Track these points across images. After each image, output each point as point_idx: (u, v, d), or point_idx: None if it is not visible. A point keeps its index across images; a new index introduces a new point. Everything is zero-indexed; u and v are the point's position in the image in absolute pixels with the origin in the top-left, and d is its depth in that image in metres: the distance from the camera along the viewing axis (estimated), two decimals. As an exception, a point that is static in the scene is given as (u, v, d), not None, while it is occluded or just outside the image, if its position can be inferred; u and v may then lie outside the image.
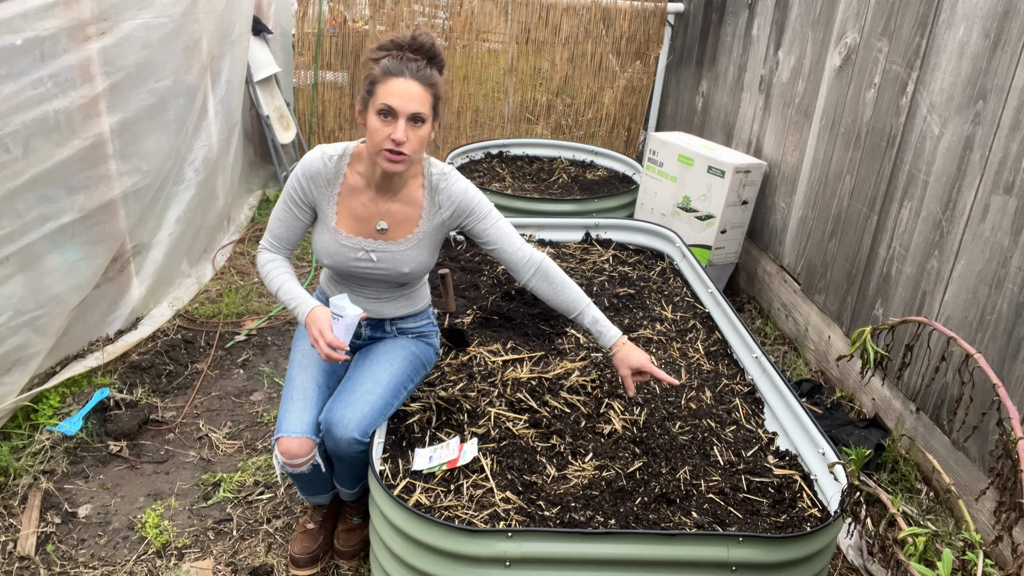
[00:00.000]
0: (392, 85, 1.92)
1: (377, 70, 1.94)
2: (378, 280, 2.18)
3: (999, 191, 2.36)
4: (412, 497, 1.97)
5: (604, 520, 1.91)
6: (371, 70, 1.95)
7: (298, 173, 2.09)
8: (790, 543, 1.78)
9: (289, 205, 2.12)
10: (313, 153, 2.09)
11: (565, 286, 2.13)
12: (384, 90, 1.92)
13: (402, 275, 2.16)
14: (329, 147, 2.10)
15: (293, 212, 2.13)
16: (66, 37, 2.62)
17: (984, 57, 2.43)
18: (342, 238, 2.10)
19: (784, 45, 3.82)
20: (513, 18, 5.46)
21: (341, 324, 1.97)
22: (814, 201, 3.49)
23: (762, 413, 2.44)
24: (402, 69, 1.92)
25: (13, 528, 2.37)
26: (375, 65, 1.95)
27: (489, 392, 2.37)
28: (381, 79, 1.93)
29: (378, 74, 1.93)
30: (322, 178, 2.09)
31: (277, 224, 2.16)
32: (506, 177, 4.78)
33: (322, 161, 2.08)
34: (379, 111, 1.93)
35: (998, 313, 2.36)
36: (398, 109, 1.91)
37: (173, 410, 2.98)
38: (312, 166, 2.08)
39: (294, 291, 2.10)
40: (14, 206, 2.53)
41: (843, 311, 3.24)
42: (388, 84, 1.92)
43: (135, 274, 3.34)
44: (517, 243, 2.14)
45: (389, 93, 1.92)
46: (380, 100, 1.92)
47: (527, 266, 2.13)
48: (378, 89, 1.93)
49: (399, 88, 1.91)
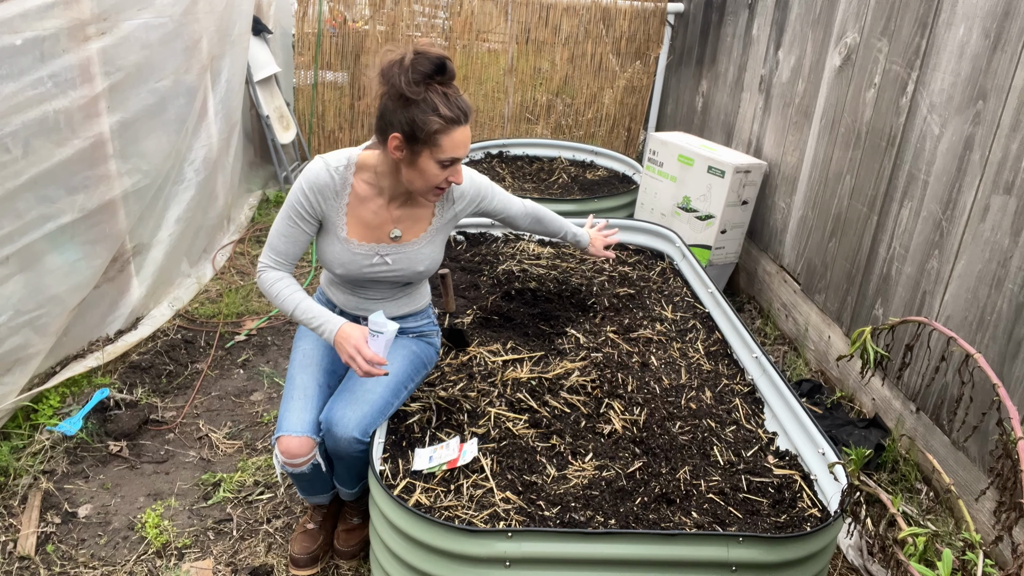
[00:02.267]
0: (457, 136, 1.88)
1: (439, 123, 1.84)
2: (387, 281, 2.17)
3: (999, 191, 2.36)
4: (412, 497, 1.97)
5: (604, 520, 1.91)
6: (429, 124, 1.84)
7: (303, 188, 2.02)
8: (790, 543, 1.78)
9: (295, 220, 2.05)
10: (316, 165, 2.03)
11: (551, 220, 2.58)
12: (450, 143, 1.88)
13: (417, 274, 2.17)
14: (331, 158, 2.04)
15: (299, 227, 2.06)
16: (66, 37, 2.62)
17: (984, 57, 2.43)
18: (354, 247, 2.09)
19: (784, 45, 3.82)
20: (513, 18, 5.46)
21: (381, 340, 1.95)
22: (814, 201, 3.49)
23: (762, 413, 2.44)
24: (459, 117, 1.87)
25: (13, 528, 2.37)
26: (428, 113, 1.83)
27: (489, 392, 2.37)
28: (445, 131, 1.86)
29: (439, 127, 1.85)
30: (330, 190, 2.03)
31: (281, 241, 2.08)
32: (506, 177, 4.78)
33: (327, 173, 2.02)
34: (442, 162, 1.91)
35: (998, 313, 2.36)
36: (461, 157, 1.93)
37: (173, 410, 2.98)
38: (318, 179, 2.02)
39: (313, 309, 2.05)
40: (14, 206, 2.53)
41: (843, 311, 3.24)
42: (453, 136, 1.88)
43: (135, 274, 3.34)
44: (517, 203, 2.44)
45: (455, 146, 1.89)
46: (447, 153, 1.89)
47: (525, 216, 2.47)
48: (443, 141, 1.87)
49: (463, 139, 1.90)
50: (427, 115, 1.83)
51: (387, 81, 1.83)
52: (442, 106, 1.83)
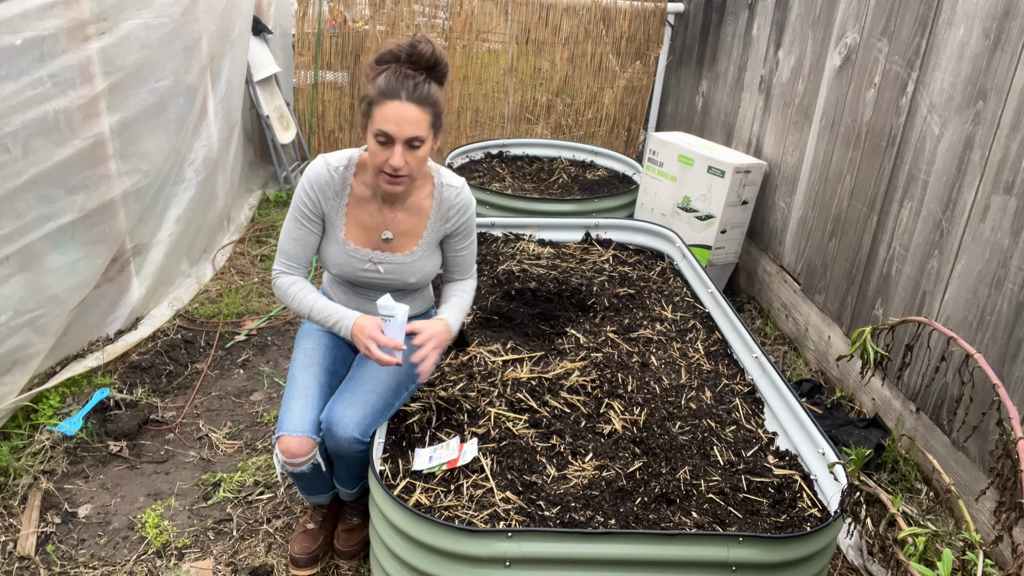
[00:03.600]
0: (388, 109, 1.85)
1: (373, 91, 1.86)
2: (384, 287, 2.18)
3: (999, 191, 2.36)
4: (412, 497, 1.97)
5: (604, 520, 1.91)
6: (367, 89, 1.89)
7: (305, 186, 2.05)
8: (790, 543, 1.78)
9: (301, 221, 2.08)
10: (317, 164, 2.05)
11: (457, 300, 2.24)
12: (380, 114, 1.86)
13: (408, 284, 2.17)
14: (332, 157, 2.06)
15: (306, 227, 2.08)
16: (66, 37, 2.62)
17: (984, 57, 2.43)
18: (350, 249, 2.10)
19: (784, 45, 3.82)
20: (513, 18, 5.46)
21: (394, 324, 1.96)
22: (814, 201, 3.49)
23: (762, 413, 2.44)
24: (398, 90, 1.85)
25: (13, 528, 2.37)
26: (371, 85, 1.88)
27: (489, 392, 2.37)
28: (377, 101, 1.86)
29: (374, 95, 1.86)
30: (330, 189, 2.05)
31: (291, 244, 2.10)
32: (506, 177, 4.78)
33: (328, 172, 2.04)
34: (376, 135, 1.89)
35: (998, 313, 2.36)
36: (394, 135, 1.87)
37: (173, 410, 2.98)
38: (319, 177, 2.04)
39: (328, 308, 2.07)
40: (14, 206, 2.53)
41: (843, 311, 3.24)
42: (384, 108, 1.86)
43: (135, 274, 3.34)
44: (466, 272, 2.29)
45: (385, 118, 1.86)
46: (376, 125, 1.87)
47: (452, 284, 2.30)
48: (375, 112, 1.87)
49: (395, 113, 1.85)
50: (369, 83, 1.89)
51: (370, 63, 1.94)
52: (383, 79, 1.86)
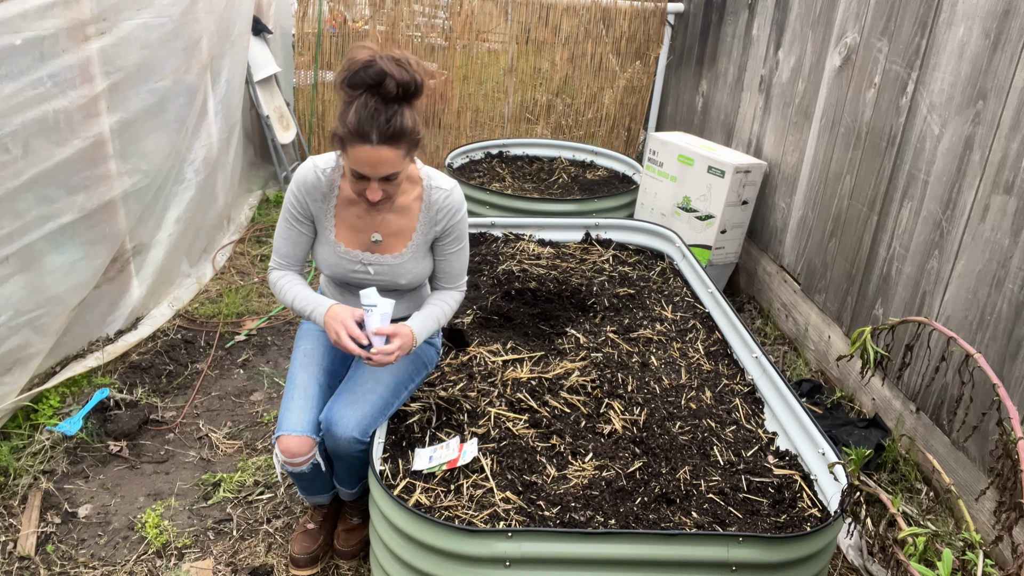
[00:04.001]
0: (360, 153, 1.81)
1: (343, 128, 1.80)
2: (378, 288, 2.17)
3: (999, 191, 2.36)
4: (412, 497, 1.97)
5: (604, 520, 1.91)
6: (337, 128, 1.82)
7: (293, 188, 2.05)
8: (790, 543, 1.78)
9: (291, 222, 2.09)
10: (305, 167, 2.05)
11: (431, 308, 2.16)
12: (353, 155, 1.83)
13: (399, 286, 2.15)
14: (320, 159, 2.05)
15: (296, 228, 2.09)
16: (66, 37, 2.62)
17: (984, 57, 2.43)
18: (340, 251, 2.09)
19: (784, 45, 3.82)
20: (513, 18, 5.46)
21: (375, 314, 1.95)
22: (814, 201, 3.49)
23: (762, 413, 2.44)
24: (368, 133, 1.78)
25: (13, 528, 2.37)
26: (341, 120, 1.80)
27: (489, 392, 2.37)
28: (348, 141, 1.81)
29: (344, 134, 1.81)
30: (318, 192, 2.05)
31: (282, 243, 2.12)
32: (506, 177, 4.78)
33: (315, 174, 2.03)
34: (351, 170, 1.87)
35: (998, 313, 2.36)
36: (368, 175, 1.86)
37: (173, 410, 2.98)
38: (307, 180, 2.04)
39: (308, 298, 2.08)
40: (14, 206, 2.53)
41: (843, 311, 3.24)
42: (356, 151, 1.82)
43: (135, 274, 3.34)
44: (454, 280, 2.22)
45: (358, 161, 1.83)
46: (351, 164, 1.85)
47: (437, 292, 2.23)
48: (348, 150, 1.83)
49: (367, 157, 1.82)
50: (339, 120, 1.81)
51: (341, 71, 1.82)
52: (353, 117, 1.78)
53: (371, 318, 1.96)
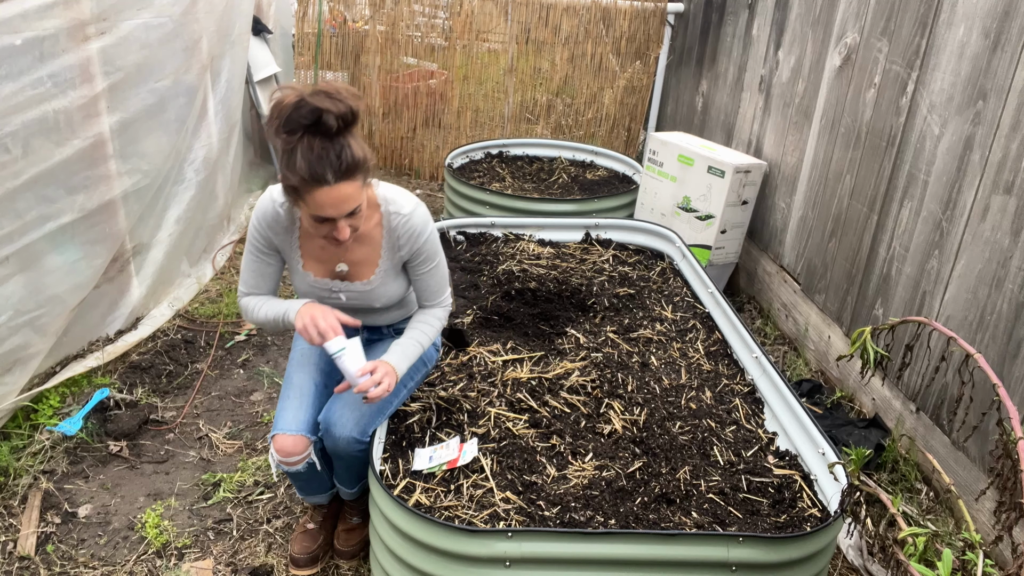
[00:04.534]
0: (320, 197, 1.72)
1: (294, 178, 1.70)
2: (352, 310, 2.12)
3: (999, 191, 2.36)
4: (412, 497, 1.97)
5: (604, 520, 1.91)
6: (286, 178, 1.72)
7: (255, 223, 1.98)
8: (790, 543, 1.78)
9: (257, 255, 2.03)
10: (264, 201, 1.97)
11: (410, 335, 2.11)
12: (313, 202, 1.74)
13: (375, 308, 2.12)
14: (278, 191, 1.94)
15: (263, 260, 2.04)
16: (66, 37, 2.62)
17: (984, 57, 2.43)
18: (311, 280, 2.06)
19: (784, 45, 3.82)
20: (513, 18, 5.46)
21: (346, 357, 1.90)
22: (814, 201, 3.49)
23: (762, 413, 2.44)
24: (323, 174, 1.69)
25: (13, 528, 2.37)
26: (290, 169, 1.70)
27: (489, 392, 2.37)
28: (304, 188, 1.71)
29: (298, 182, 1.71)
30: (279, 225, 1.98)
31: (250, 275, 2.06)
32: (506, 177, 4.78)
33: (274, 208, 1.96)
34: (313, 218, 1.79)
35: (998, 313, 2.36)
36: (335, 216, 1.77)
37: (173, 410, 2.98)
38: (266, 215, 1.97)
39: (277, 306, 2.02)
40: (14, 206, 2.53)
41: (843, 311, 3.24)
42: (315, 196, 1.72)
43: (135, 274, 3.34)
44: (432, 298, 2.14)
45: (320, 206, 1.74)
46: (312, 211, 1.77)
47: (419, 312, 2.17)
48: (305, 198, 1.74)
49: (329, 199, 1.73)
50: (288, 170, 1.71)
51: (268, 122, 1.73)
52: (301, 162, 1.68)
53: (344, 362, 1.91)
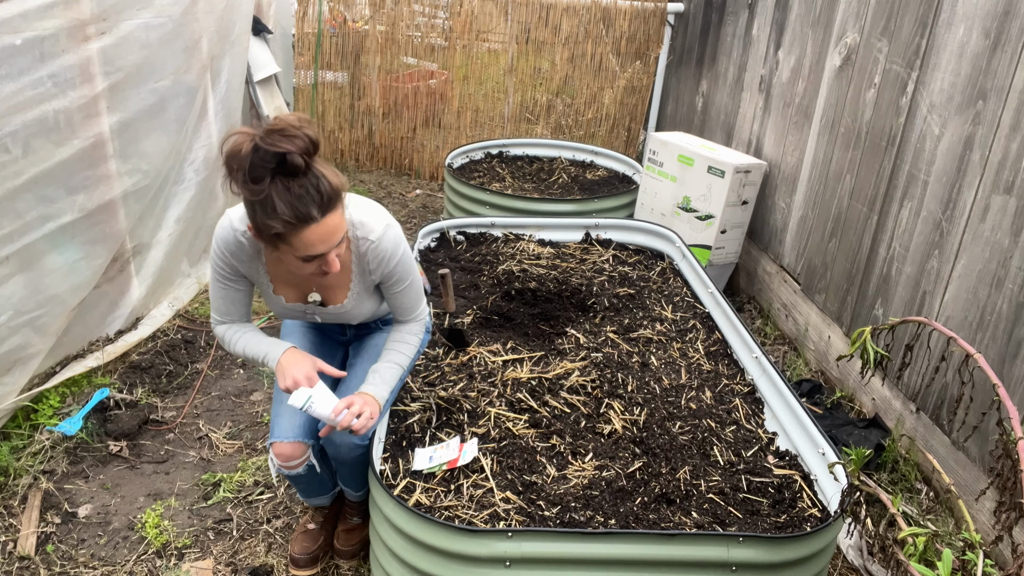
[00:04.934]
0: (309, 236, 1.64)
1: (279, 224, 1.60)
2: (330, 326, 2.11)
3: (999, 191, 2.36)
4: (412, 497, 1.97)
5: (604, 520, 1.91)
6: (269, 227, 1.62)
7: (216, 251, 1.87)
8: (790, 543, 1.78)
9: (224, 283, 1.94)
10: (224, 229, 1.85)
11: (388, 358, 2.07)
12: (302, 242, 1.65)
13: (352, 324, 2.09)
14: (237, 219, 1.83)
15: (231, 287, 1.95)
16: (66, 37, 2.62)
17: (984, 57, 2.43)
18: (283, 303, 2.02)
19: (784, 45, 3.82)
20: (513, 18, 5.46)
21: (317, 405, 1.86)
22: (814, 201, 3.49)
23: (762, 413, 2.44)
24: (309, 213, 1.61)
25: (13, 528, 2.37)
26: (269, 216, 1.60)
27: (489, 392, 2.37)
28: (291, 231, 1.62)
29: (282, 229, 1.62)
30: (243, 254, 1.88)
31: (221, 303, 1.98)
32: (506, 177, 4.78)
33: (235, 237, 1.84)
34: (302, 259, 1.71)
35: (998, 313, 2.36)
36: (325, 252, 1.71)
37: (173, 410, 2.98)
38: (229, 244, 1.85)
39: (258, 346, 1.97)
40: (14, 206, 2.53)
41: (843, 311, 3.24)
42: (303, 236, 1.64)
43: (135, 274, 3.34)
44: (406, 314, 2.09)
45: (310, 245, 1.67)
46: (301, 252, 1.69)
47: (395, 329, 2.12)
48: (291, 240, 1.65)
49: (318, 235, 1.66)
50: (267, 217, 1.61)
51: (228, 172, 1.62)
52: (281, 204, 1.59)
53: (317, 410, 1.87)
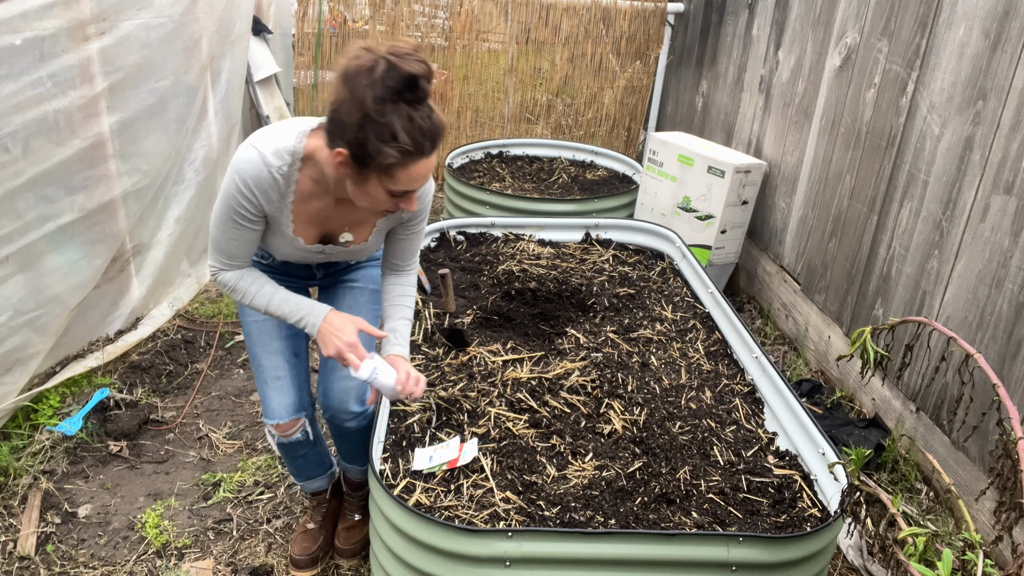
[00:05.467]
0: (417, 170, 1.63)
1: (393, 154, 1.57)
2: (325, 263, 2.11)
3: (999, 191, 2.36)
4: (412, 497, 1.97)
5: (604, 520, 1.91)
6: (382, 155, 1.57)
7: (242, 188, 1.73)
8: (790, 543, 1.78)
9: (241, 224, 1.79)
10: (255, 164, 1.72)
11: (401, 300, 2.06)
12: (406, 177, 1.63)
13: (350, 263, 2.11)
14: (271, 154, 1.72)
15: (247, 228, 1.81)
16: (66, 37, 2.62)
17: (984, 57, 2.43)
18: (300, 245, 1.91)
19: (784, 45, 3.82)
20: (513, 18, 5.46)
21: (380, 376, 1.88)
22: (814, 201, 3.49)
23: (762, 413, 2.44)
24: (423, 145, 1.60)
25: (13, 528, 2.37)
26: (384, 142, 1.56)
27: (489, 392, 2.37)
28: (400, 163, 1.60)
29: (396, 158, 1.58)
30: (275, 192, 1.77)
31: (232, 245, 1.83)
32: (506, 177, 4.78)
33: (269, 174, 1.73)
34: (393, 193, 1.68)
35: (998, 313, 2.36)
36: (420, 187, 1.70)
37: (173, 410, 2.98)
38: (260, 180, 1.73)
39: (290, 301, 1.89)
40: (14, 206, 2.53)
41: (843, 311, 3.24)
42: (410, 170, 1.62)
43: (135, 274, 3.34)
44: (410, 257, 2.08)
45: (412, 179, 1.64)
46: (400, 186, 1.65)
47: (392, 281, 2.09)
48: (398, 174, 1.62)
49: (423, 171, 1.64)
50: (383, 143, 1.56)
51: (350, 89, 1.55)
52: (403, 133, 1.55)
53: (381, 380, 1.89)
